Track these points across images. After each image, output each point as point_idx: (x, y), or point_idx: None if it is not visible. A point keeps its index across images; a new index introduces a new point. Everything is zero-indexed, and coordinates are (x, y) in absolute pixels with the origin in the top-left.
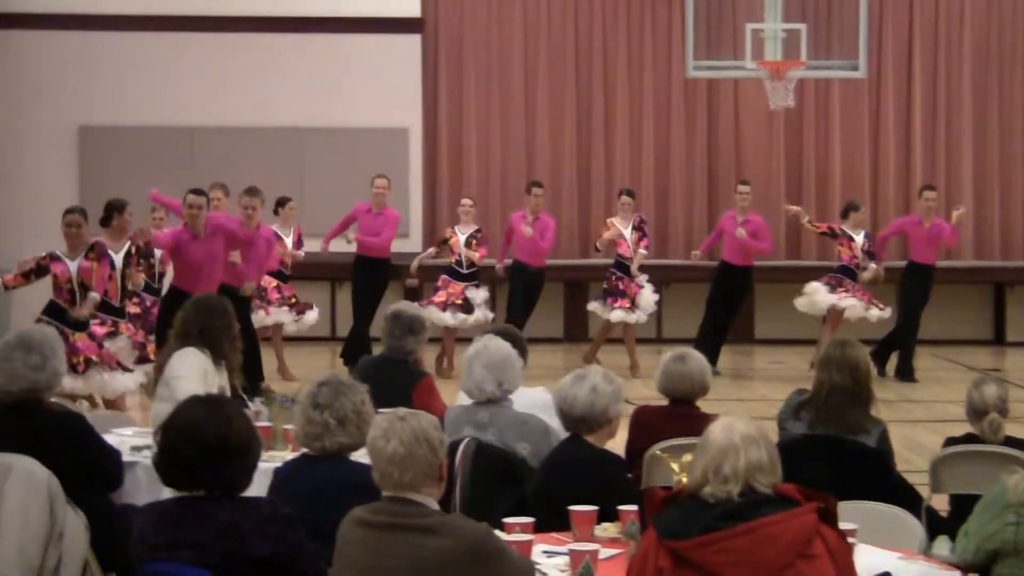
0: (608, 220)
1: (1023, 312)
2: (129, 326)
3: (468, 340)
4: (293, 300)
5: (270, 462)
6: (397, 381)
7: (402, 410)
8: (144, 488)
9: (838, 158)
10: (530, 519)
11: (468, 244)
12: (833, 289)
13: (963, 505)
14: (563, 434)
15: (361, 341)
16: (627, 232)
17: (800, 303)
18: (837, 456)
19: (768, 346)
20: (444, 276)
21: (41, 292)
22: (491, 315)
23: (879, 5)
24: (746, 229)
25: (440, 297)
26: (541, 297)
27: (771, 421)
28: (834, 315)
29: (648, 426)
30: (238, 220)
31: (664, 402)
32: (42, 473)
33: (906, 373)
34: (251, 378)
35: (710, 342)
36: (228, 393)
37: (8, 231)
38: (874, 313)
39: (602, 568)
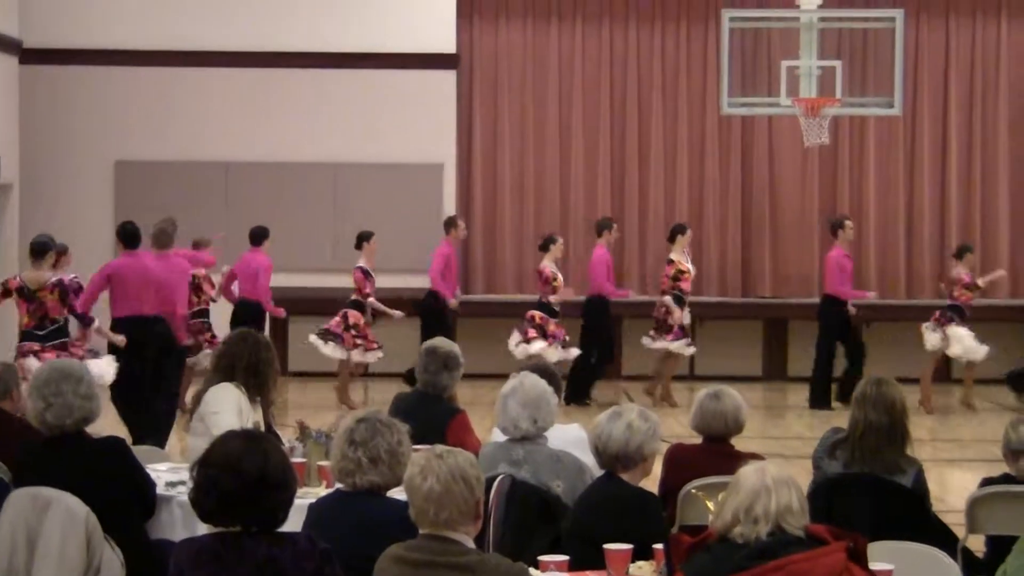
0: (674, 258)
1: None
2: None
3: None
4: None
5: (304, 498)
6: (432, 417)
7: (440, 447)
8: (180, 524)
9: (872, 196)
10: (565, 557)
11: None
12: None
13: (1000, 546)
14: (598, 472)
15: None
16: (690, 267)
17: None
18: (874, 496)
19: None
20: (541, 314)
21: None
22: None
23: (915, 42)
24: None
25: (553, 330)
26: None
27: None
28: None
29: (683, 464)
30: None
31: (699, 440)
32: (81, 510)
33: None
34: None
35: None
36: (262, 428)
37: None
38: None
39: None
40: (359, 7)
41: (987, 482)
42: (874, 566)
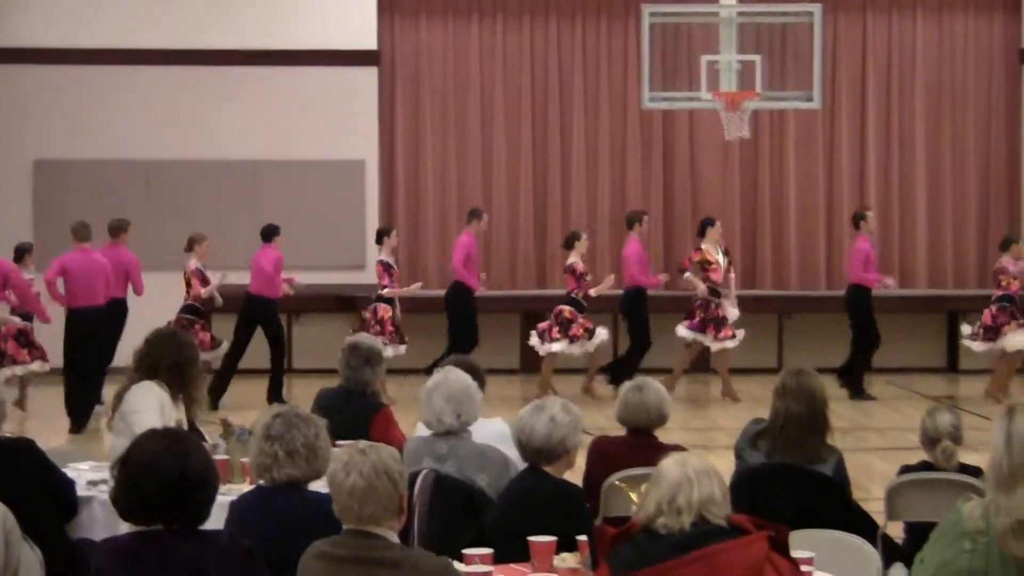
0: (703, 247)
1: None
2: None
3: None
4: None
5: (227, 495)
6: (356, 412)
7: (362, 443)
8: (101, 523)
9: (793, 188)
10: (489, 550)
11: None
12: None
13: (918, 532)
14: (522, 465)
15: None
16: (720, 258)
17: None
18: (795, 485)
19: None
20: (571, 308)
21: None
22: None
23: (833, 37)
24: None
25: (575, 330)
26: (497, 327)
27: None
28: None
29: (607, 456)
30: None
31: (622, 432)
32: None
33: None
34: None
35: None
36: (185, 426)
37: None
38: None
39: None
40: (280, 4)
41: (905, 469)
42: (795, 555)
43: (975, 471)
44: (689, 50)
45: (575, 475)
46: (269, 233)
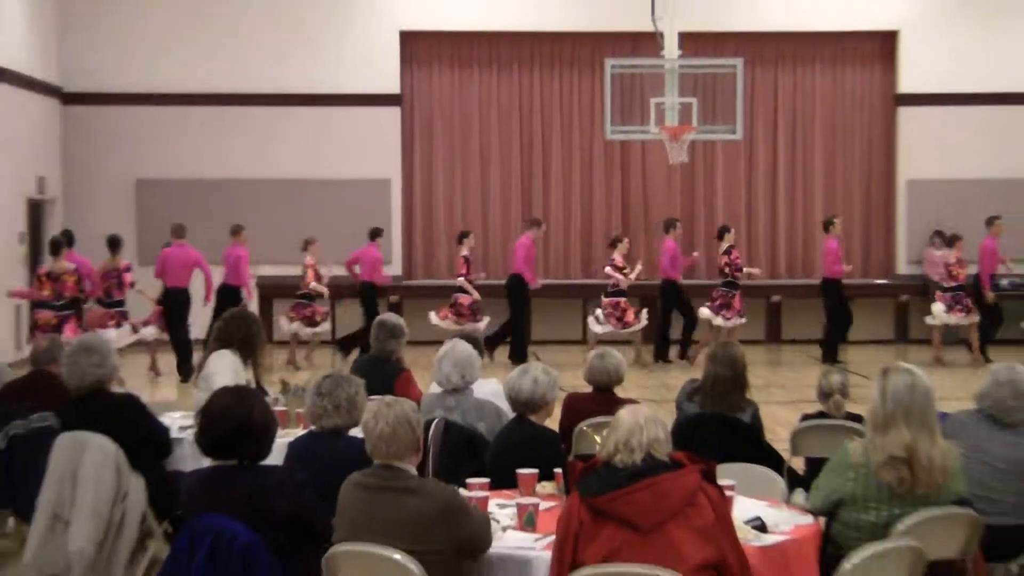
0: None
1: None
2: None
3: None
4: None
5: (285, 438)
6: (383, 375)
7: (388, 398)
8: (189, 458)
9: (721, 201)
10: (486, 480)
11: None
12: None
13: (815, 465)
14: (511, 415)
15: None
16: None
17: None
18: (721, 430)
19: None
20: (623, 299)
21: None
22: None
23: (751, 84)
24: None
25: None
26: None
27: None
28: None
29: (577, 408)
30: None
31: (589, 389)
32: (111, 447)
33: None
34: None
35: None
36: (254, 386)
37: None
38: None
39: (541, 517)
40: (324, 57)
41: (805, 417)
42: (721, 482)
43: (858, 418)
44: (641, 94)
45: (553, 422)
46: (374, 234)
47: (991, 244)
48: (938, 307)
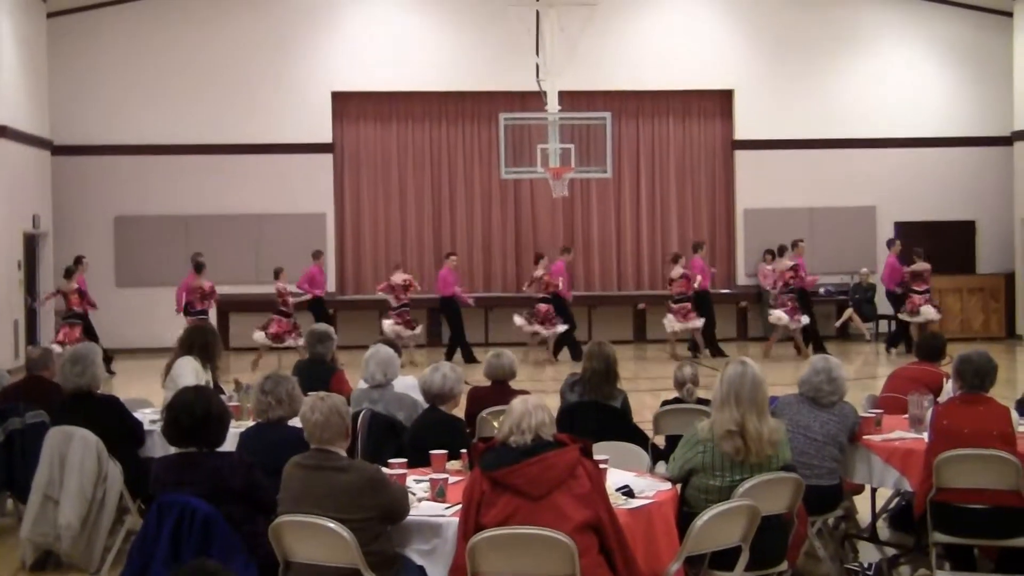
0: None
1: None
2: None
3: None
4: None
5: (238, 428)
6: (320, 374)
7: (322, 393)
8: (158, 447)
9: (595, 227)
10: (405, 460)
11: None
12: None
13: (672, 441)
14: (425, 405)
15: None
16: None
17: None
18: (597, 414)
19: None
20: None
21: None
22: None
23: (619, 133)
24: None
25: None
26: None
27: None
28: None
29: (479, 399)
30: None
31: (488, 383)
32: (93, 438)
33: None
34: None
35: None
36: (212, 385)
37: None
38: None
39: (451, 489)
40: (268, 112)
41: (665, 403)
42: (597, 458)
43: (706, 402)
44: (530, 141)
45: (459, 411)
46: (316, 255)
47: (801, 263)
48: (778, 312)
